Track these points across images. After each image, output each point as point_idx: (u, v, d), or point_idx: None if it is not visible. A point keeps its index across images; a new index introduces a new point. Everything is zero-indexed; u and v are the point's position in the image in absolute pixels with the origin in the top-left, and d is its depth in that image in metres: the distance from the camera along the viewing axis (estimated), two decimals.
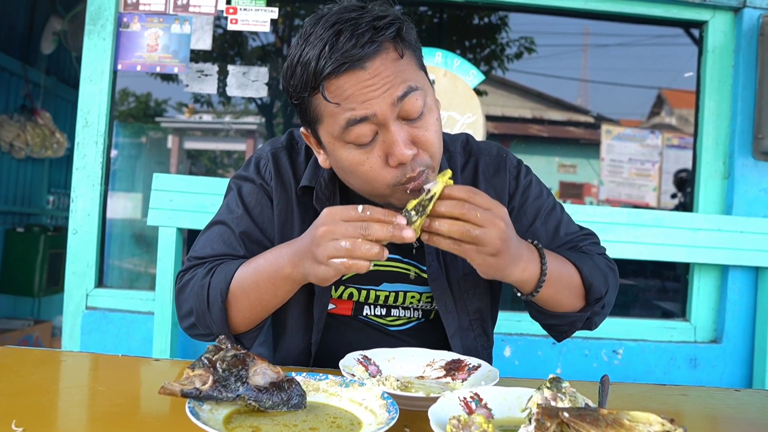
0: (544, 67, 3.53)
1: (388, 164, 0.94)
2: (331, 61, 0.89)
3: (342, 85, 0.91)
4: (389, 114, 0.92)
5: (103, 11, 2.14)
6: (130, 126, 3.38)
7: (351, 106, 0.91)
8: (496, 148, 1.22)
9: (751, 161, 2.20)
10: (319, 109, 0.96)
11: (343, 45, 0.89)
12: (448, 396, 0.76)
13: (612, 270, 1.14)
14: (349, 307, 1.16)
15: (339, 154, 0.98)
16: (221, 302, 1.00)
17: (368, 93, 0.91)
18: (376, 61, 0.91)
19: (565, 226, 1.19)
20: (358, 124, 0.92)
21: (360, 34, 0.89)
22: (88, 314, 2.09)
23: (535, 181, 1.21)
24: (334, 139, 0.96)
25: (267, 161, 1.15)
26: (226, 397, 0.72)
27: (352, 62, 0.89)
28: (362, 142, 0.94)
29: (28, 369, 0.96)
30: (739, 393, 1.10)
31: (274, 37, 2.82)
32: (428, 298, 1.16)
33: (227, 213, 1.14)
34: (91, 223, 2.11)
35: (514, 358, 2.15)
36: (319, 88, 0.92)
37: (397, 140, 0.92)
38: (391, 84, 0.92)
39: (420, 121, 0.95)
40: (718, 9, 2.26)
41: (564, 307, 1.07)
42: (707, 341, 2.23)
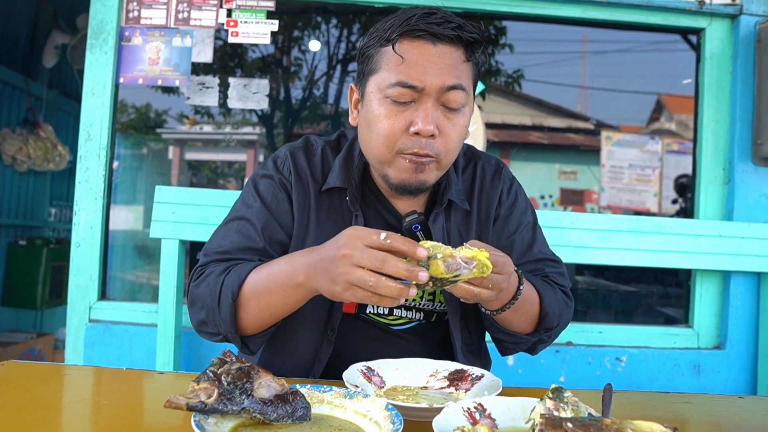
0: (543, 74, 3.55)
1: (407, 131, 1.04)
2: (414, 24, 1.02)
3: (411, 49, 1.03)
4: (433, 93, 1.03)
5: (105, 25, 2.16)
6: (130, 137, 3.40)
7: (408, 70, 1.02)
8: (495, 159, 1.31)
9: (751, 167, 2.21)
10: (381, 61, 1.06)
11: (430, 20, 1.03)
12: (452, 407, 0.76)
13: (568, 307, 1.21)
14: (353, 305, 1.18)
15: (373, 105, 1.07)
16: (231, 301, 1.02)
17: (428, 66, 1.02)
18: (446, 47, 1.04)
19: (539, 245, 1.27)
20: (405, 87, 1.03)
21: (447, 21, 1.03)
22: (91, 327, 2.09)
23: (523, 198, 1.30)
24: (379, 90, 1.06)
25: (285, 159, 1.20)
26: (231, 410, 0.72)
27: (428, 34, 1.02)
28: (401, 101, 1.04)
29: (33, 383, 0.96)
30: (744, 400, 1.10)
31: (274, 49, 2.83)
32: (430, 295, 1.19)
33: (244, 208, 1.17)
34: (94, 236, 2.11)
35: (517, 367, 2.14)
36: (392, 41, 1.04)
37: (427, 114, 1.03)
38: (448, 72, 1.03)
39: (453, 114, 1.06)
40: (715, 16, 2.28)
41: (515, 328, 1.13)
42: (710, 347, 2.23)
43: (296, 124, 2.99)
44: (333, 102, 3.00)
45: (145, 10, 2.18)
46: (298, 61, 3.00)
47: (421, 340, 1.20)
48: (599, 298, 2.88)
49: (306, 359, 1.16)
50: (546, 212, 2.39)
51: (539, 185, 3.93)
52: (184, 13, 2.19)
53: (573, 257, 2.12)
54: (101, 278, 2.14)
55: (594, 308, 2.85)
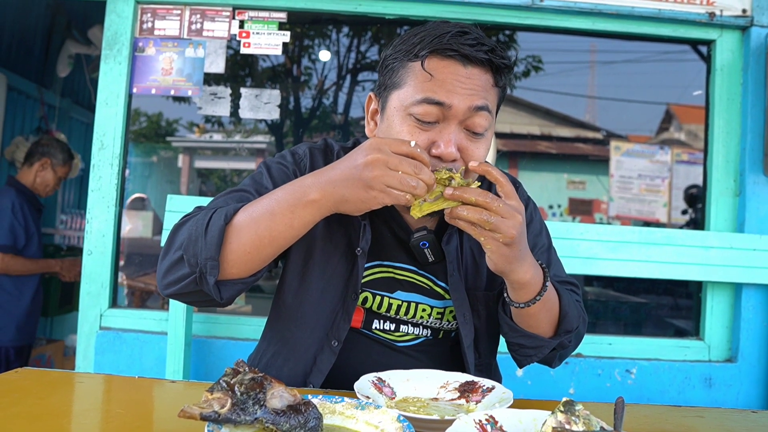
0: (552, 84, 3.56)
1: (428, 151, 1.02)
2: (446, 43, 1.01)
3: (440, 68, 1.02)
4: (460, 113, 1.02)
5: (120, 36, 2.19)
6: (141, 146, 3.43)
7: (436, 87, 1.01)
8: (511, 178, 1.28)
9: (762, 179, 2.20)
10: (407, 76, 1.04)
11: (462, 40, 1.01)
12: (464, 419, 0.76)
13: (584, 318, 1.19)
14: (360, 319, 1.16)
15: (395, 122, 1.05)
16: (223, 223, 0.96)
17: (456, 86, 1.01)
18: (476, 69, 1.03)
19: (555, 269, 1.25)
20: (432, 105, 1.01)
21: (480, 43, 1.02)
22: (102, 334, 2.11)
23: (538, 220, 1.28)
24: (403, 106, 1.04)
25: (305, 155, 1.18)
26: (245, 420, 0.72)
27: (459, 55, 1.01)
28: (425, 120, 1.02)
29: (47, 391, 0.97)
30: (757, 415, 1.09)
31: (285, 59, 2.86)
32: (438, 314, 1.18)
33: (252, 184, 1.13)
34: (106, 243, 2.13)
35: (527, 378, 2.13)
36: (421, 57, 1.02)
37: (451, 137, 1.02)
38: (476, 93, 1.02)
39: (476, 138, 1.05)
40: (726, 28, 2.28)
41: (537, 329, 1.10)
42: (722, 360, 2.21)
43: (306, 133, 3.01)
44: (342, 111, 3.02)
45: (158, 21, 2.21)
46: (309, 71, 3.03)
47: (426, 357, 1.18)
48: (609, 310, 2.86)
49: (304, 364, 1.14)
50: (555, 223, 2.39)
51: (548, 195, 3.93)
52: (197, 24, 2.22)
53: (583, 269, 2.11)
54: (112, 286, 2.16)
55: (604, 320, 2.84)
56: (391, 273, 1.17)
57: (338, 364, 1.14)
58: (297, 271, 1.16)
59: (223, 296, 1.01)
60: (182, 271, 1.00)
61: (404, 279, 1.17)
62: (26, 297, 3.02)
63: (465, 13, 2.24)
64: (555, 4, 2.21)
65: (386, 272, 1.17)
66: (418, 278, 1.17)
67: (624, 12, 2.23)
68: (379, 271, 1.17)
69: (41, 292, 3.19)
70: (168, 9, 2.22)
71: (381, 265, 1.17)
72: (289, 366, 1.15)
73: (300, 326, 1.15)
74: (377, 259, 1.16)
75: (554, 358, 1.18)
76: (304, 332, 1.15)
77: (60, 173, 3.20)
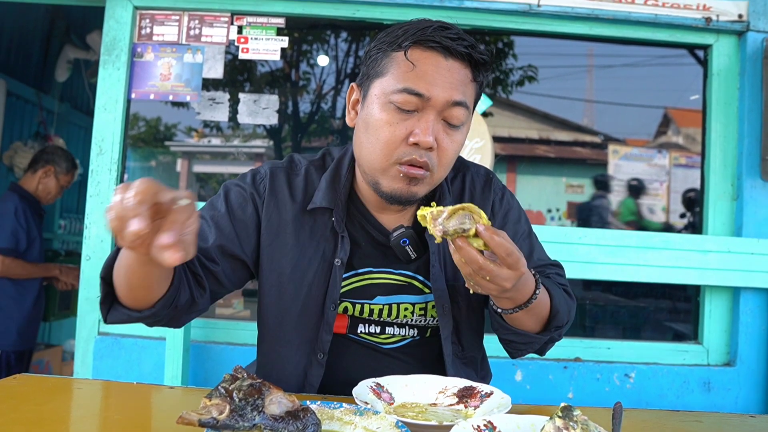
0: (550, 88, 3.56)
1: (406, 140, 1.04)
2: (429, 35, 1.03)
3: (422, 59, 1.03)
4: (438, 105, 1.03)
5: (118, 42, 2.20)
6: (140, 150, 3.43)
7: (417, 78, 1.02)
8: (484, 170, 1.30)
9: (759, 183, 2.21)
10: (389, 65, 1.06)
11: (445, 33, 1.04)
12: (462, 424, 0.76)
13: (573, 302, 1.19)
14: (344, 325, 1.17)
15: (375, 109, 1.06)
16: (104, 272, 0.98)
17: (437, 78, 1.03)
18: (456, 63, 1.05)
19: (538, 252, 1.26)
20: (412, 95, 1.02)
21: (461, 38, 1.05)
22: (100, 340, 2.10)
23: (516, 207, 1.28)
24: (383, 94, 1.05)
25: (264, 177, 1.19)
26: (243, 427, 0.72)
27: (441, 47, 1.03)
28: (404, 108, 1.04)
29: (45, 397, 0.97)
30: (756, 419, 1.09)
31: (283, 64, 2.87)
32: (421, 310, 1.18)
33: (208, 208, 1.16)
34: (105, 249, 2.13)
35: (526, 383, 2.13)
36: (404, 48, 1.04)
37: (428, 126, 1.03)
38: (455, 88, 1.04)
39: (453, 130, 1.07)
40: (722, 33, 2.29)
41: (526, 327, 1.11)
42: (721, 364, 2.21)
43: (304, 138, 3.01)
44: (341, 116, 3.03)
45: (157, 26, 2.22)
46: (307, 76, 3.04)
47: (414, 358, 1.18)
48: (607, 314, 2.86)
49: (296, 381, 1.15)
50: (553, 228, 2.39)
51: (546, 199, 3.93)
52: (195, 29, 2.22)
53: (581, 273, 2.12)
54: None
55: (602, 324, 2.84)
56: (368, 280, 1.17)
57: (328, 371, 1.14)
58: (273, 291, 1.16)
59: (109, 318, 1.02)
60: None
61: (381, 282, 1.17)
62: (28, 301, 3.04)
63: (463, 19, 2.25)
64: (552, 10, 2.22)
65: (363, 280, 1.17)
66: (395, 278, 1.17)
67: (621, 17, 2.24)
68: (356, 280, 1.17)
69: (43, 297, 3.21)
70: (166, 15, 2.23)
71: (356, 274, 1.17)
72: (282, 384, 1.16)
73: (285, 345, 1.16)
74: (351, 269, 1.16)
75: (545, 348, 1.19)
76: (290, 351, 1.15)
77: (62, 181, 3.25)
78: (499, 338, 1.18)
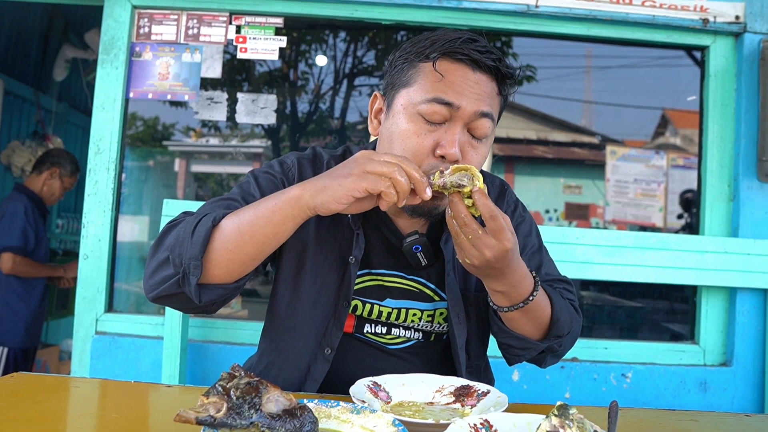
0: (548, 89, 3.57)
1: (433, 151, 1.04)
2: (457, 47, 1.04)
3: (450, 70, 1.04)
4: (466, 115, 1.04)
5: (116, 41, 2.19)
6: (138, 150, 3.43)
7: (446, 88, 1.03)
8: (499, 180, 1.30)
9: (756, 183, 2.21)
10: (417, 76, 1.06)
11: (473, 46, 1.04)
12: (459, 423, 0.76)
13: (577, 320, 1.19)
14: (351, 324, 1.17)
15: (401, 120, 1.06)
16: (210, 225, 0.96)
17: (465, 89, 1.03)
18: (483, 75, 1.05)
19: (547, 267, 1.26)
20: (441, 105, 1.03)
21: (489, 51, 1.05)
22: (97, 339, 2.10)
23: (528, 220, 1.29)
24: (411, 104, 1.06)
25: (293, 165, 1.18)
26: (240, 425, 0.72)
27: (469, 59, 1.04)
28: (431, 120, 1.04)
29: (42, 396, 0.97)
30: (751, 418, 1.09)
31: (282, 64, 2.87)
32: (429, 317, 1.18)
33: (240, 193, 1.13)
34: (102, 248, 2.13)
35: (523, 383, 2.14)
36: (432, 59, 1.04)
37: (455, 138, 1.03)
38: (483, 99, 1.05)
39: (478, 143, 1.07)
40: (719, 34, 2.30)
41: (525, 332, 1.11)
42: (717, 364, 2.22)
43: (302, 138, 3.01)
44: (339, 116, 3.03)
45: (155, 26, 2.22)
46: (305, 76, 3.04)
47: (419, 359, 1.19)
48: (605, 314, 2.87)
49: (298, 374, 1.14)
50: (551, 227, 2.40)
51: (544, 199, 3.93)
52: (194, 29, 2.22)
53: (578, 273, 2.12)
54: (108, 290, 2.15)
55: (599, 324, 2.85)
56: (380, 281, 1.17)
57: (331, 368, 1.15)
58: (289, 281, 1.16)
59: (203, 299, 1.00)
60: (167, 271, 0.99)
61: (393, 286, 1.17)
62: (34, 300, 3.09)
63: (461, 19, 2.25)
64: (550, 10, 2.23)
65: (375, 280, 1.17)
66: (406, 283, 1.18)
67: (618, 18, 2.25)
68: (368, 279, 1.17)
69: (47, 296, 3.26)
70: (165, 14, 2.23)
71: (370, 273, 1.17)
72: (284, 376, 1.16)
73: (294, 336, 1.16)
74: (366, 267, 1.17)
75: (543, 359, 1.19)
76: (297, 342, 1.15)
77: (66, 183, 3.32)
78: (498, 343, 1.18)
